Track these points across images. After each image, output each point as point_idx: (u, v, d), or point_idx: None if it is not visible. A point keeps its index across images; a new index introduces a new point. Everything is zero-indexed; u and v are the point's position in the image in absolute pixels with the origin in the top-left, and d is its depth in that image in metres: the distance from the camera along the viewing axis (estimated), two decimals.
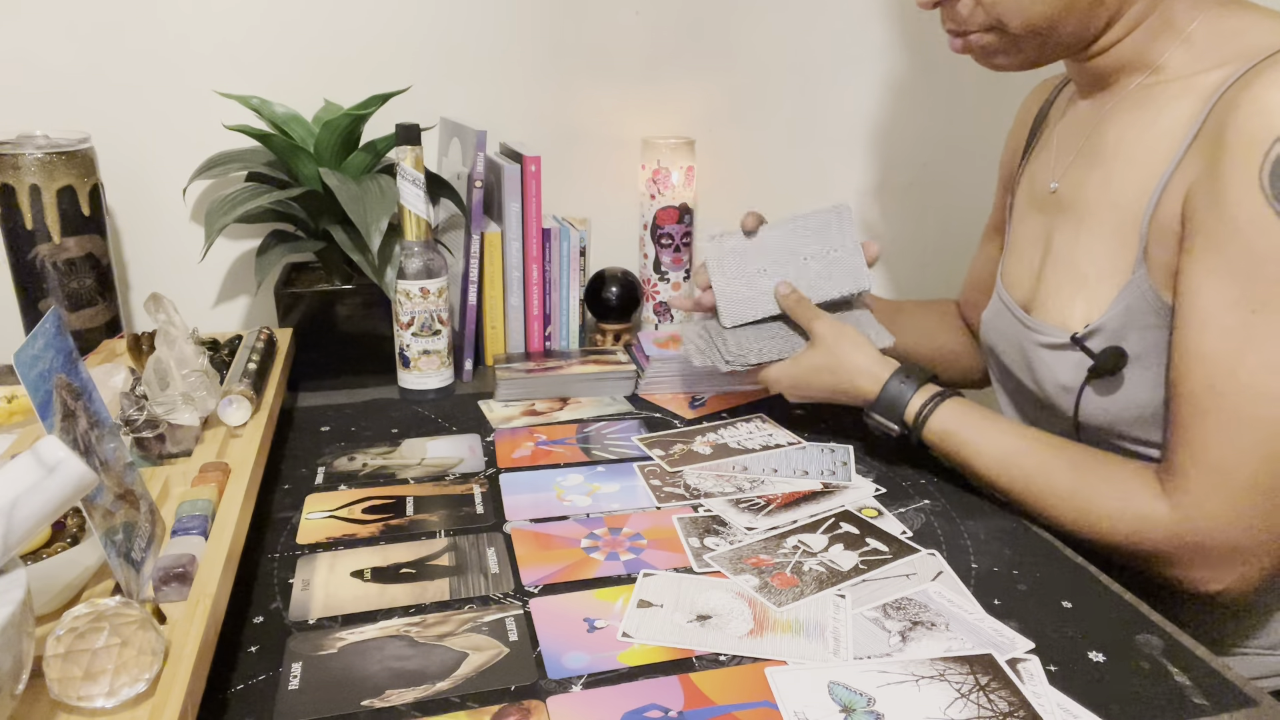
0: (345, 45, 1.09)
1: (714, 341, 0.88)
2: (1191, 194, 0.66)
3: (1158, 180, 0.69)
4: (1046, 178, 0.83)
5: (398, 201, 0.92)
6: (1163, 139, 0.70)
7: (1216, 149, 0.64)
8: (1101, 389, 0.73)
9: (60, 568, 0.53)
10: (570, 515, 0.75)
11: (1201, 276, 0.64)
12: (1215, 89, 0.67)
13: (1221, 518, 0.64)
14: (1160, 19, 0.72)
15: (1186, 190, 0.66)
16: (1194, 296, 0.65)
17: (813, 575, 0.66)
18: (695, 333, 0.91)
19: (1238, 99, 0.63)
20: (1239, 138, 0.62)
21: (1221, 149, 0.63)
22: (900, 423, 0.79)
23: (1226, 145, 0.63)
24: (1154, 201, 0.69)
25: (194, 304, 1.11)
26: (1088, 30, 0.73)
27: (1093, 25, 0.72)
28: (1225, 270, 0.63)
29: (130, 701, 0.46)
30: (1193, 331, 0.65)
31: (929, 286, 1.39)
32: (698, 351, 0.88)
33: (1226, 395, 0.63)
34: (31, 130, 0.96)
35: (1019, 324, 0.82)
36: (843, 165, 1.30)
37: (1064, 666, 0.58)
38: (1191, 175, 0.66)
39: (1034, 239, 0.84)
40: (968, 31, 0.75)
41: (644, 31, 1.18)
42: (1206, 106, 0.67)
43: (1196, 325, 0.65)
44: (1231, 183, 0.62)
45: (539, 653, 0.58)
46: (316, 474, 0.82)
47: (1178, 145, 0.68)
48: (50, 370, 0.51)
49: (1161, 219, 0.69)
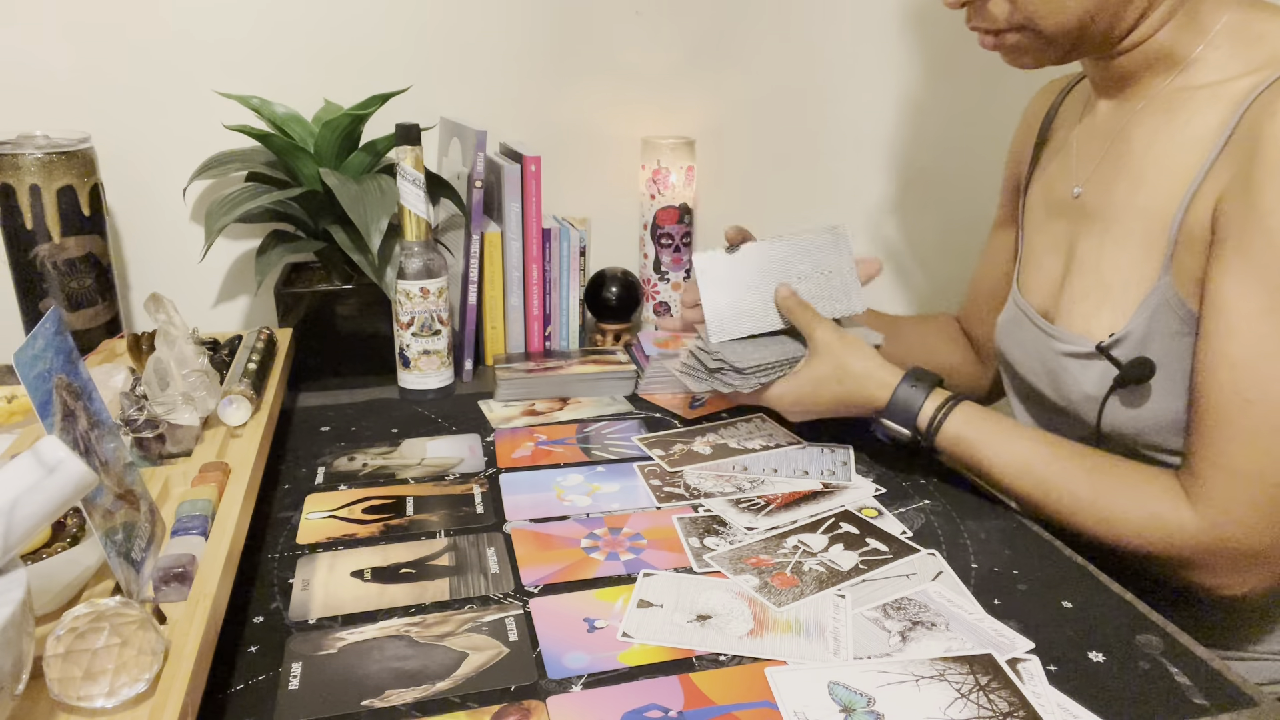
0: (345, 45, 1.09)
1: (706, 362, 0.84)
2: (1223, 201, 0.66)
3: (1187, 187, 0.69)
4: (1066, 183, 0.82)
5: (398, 201, 0.92)
6: (1192, 145, 0.70)
7: (1250, 156, 0.64)
8: (1127, 398, 0.73)
9: (60, 568, 0.53)
10: (570, 515, 0.75)
11: (1231, 284, 0.64)
12: (1245, 95, 0.67)
13: (1248, 524, 0.64)
14: (1186, 18, 0.71)
15: (1217, 197, 0.66)
16: (1222, 303, 0.64)
17: (813, 575, 0.66)
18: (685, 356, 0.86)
19: (1273, 107, 0.63)
20: (1275, 146, 0.62)
21: (1256, 156, 0.63)
22: (913, 428, 0.77)
23: (1262, 153, 0.63)
24: (1183, 208, 0.69)
25: (194, 304, 1.11)
26: (1117, 28, 0.72)
27: (1123, 23, 0.72)
28: (1256, 278, 0.63)
29: (130, 701, 0.46)
30: (1220, 339, 0.64)
31: (930, 288, 1.39)
32: (694, 379, 0.84)
33: (1254, 403, 0.63)
34: (31, 130, 0.96)
35: (1040, 333, 0.81)
36: (843, 165, 1.30)
37: (1064, 666, 0.58)
38: (1223, 182, 0.66)
39: (1054, 246, 0.83)
40: (999, 30, 0.75)
41: (644, 31, 1.18)
42: (1237, 113, 0.66)
43: (1225, 332, 0.64)
44: (1266, 190, 0.62)
45: (539, 653, 0.58)
46: (316, 474, 0.82)
47: (1208, 152, 0.68)
48: (50, 370, 0.51)
49: (1190, 226, 0.68)
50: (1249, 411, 0.63)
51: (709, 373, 0.83)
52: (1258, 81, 0.66)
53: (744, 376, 0.81)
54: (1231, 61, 0.70)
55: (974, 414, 0.76)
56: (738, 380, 0.81)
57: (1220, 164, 0.67)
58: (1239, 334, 0.64)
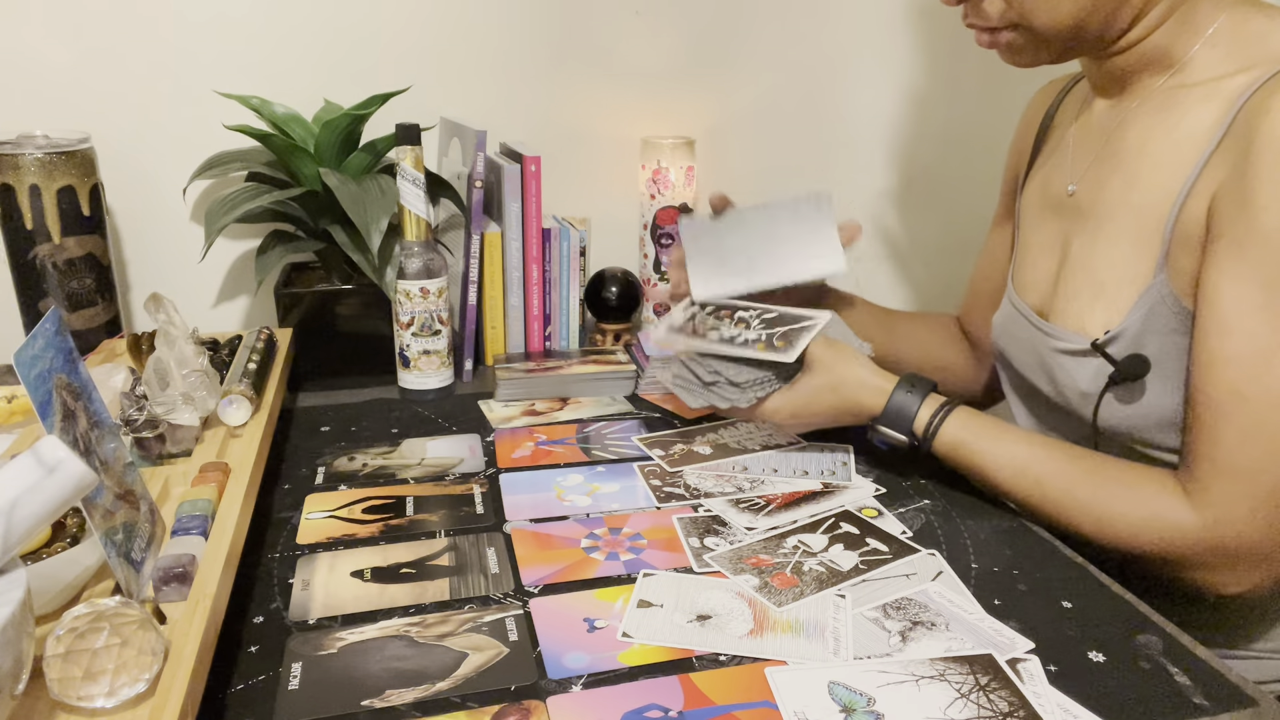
0: (345, 45, 1.09)
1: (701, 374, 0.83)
2: (1217, 198, 0.66)
3: (1182, 184, 0.69)
4: (1062, 180, 0.83)
5: (398, 201, 0.92)
6: (1186, 142, 0.70)
7: (1244, 153, 0.64)
8: (1122, 395, 0.73)
9: (60, 568, 0.53)
10: (570, 515, 0.75)
11: (1226, 281, 0.64)
12: (1241, 93, 0.66)
13: (1246, 522, 0.64)
14: (1182, 17, 0.71)
15: (1212, 194, 0.66)
16: (1218, 301, 0.64)
17: (813, 575, 0.66)
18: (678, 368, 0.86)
19: (1267, 103, 0.63)
20: (1270, 142, 0.62)
21: (1250, 153, 0.63)
22: (909, 434, 0.77)
23: (1256, 150, 0.63)
24: (1178, 206, 0.69)
25: (194, 304, 1.11)
26: (1112, 28, 0.72)
27: (1118, 23, 0.72)
28: (1251, 275, 0.63)
29: (130, 701, 0.46)
30: (1216, 336, 0.64)
31: (931, 287, 1.39)
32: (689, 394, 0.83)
33: (1250, 400, 0.63)
34: (31, 130, 0.96)
35: (1035, 330, 0.81)
36: (843, 165, 1.30)
37: (1064, 666, 0.58)
38: (1217, 179, 0.66)
39: (1049, 243, 0.83)
40: (994, 28, 0.75)
41: (644, 31, 1.18)
42: (1232, 110, 0.66)
43: (1220, 330, 0.64)
44: (1260, 187, 0.62)
45: (539, 653, 0.58)
46: (316, 474, 0.82)
47: (1202, 149, 0.68)
48: (50, 370, 0.51)
49: (1185, 223, 0.68)
50: (1245, 408, 0.63)
51: (704, 386, 0.83)
52: (1253, 79, 0.66)
53: (740, 390, 0.81)
54: (1227, 60, 0.70)
55: (970, 418, 0.75)
56: (734, 394, 0.81)
57: (1215, 161, 0.67)
58: (1234, 331, 0.63)
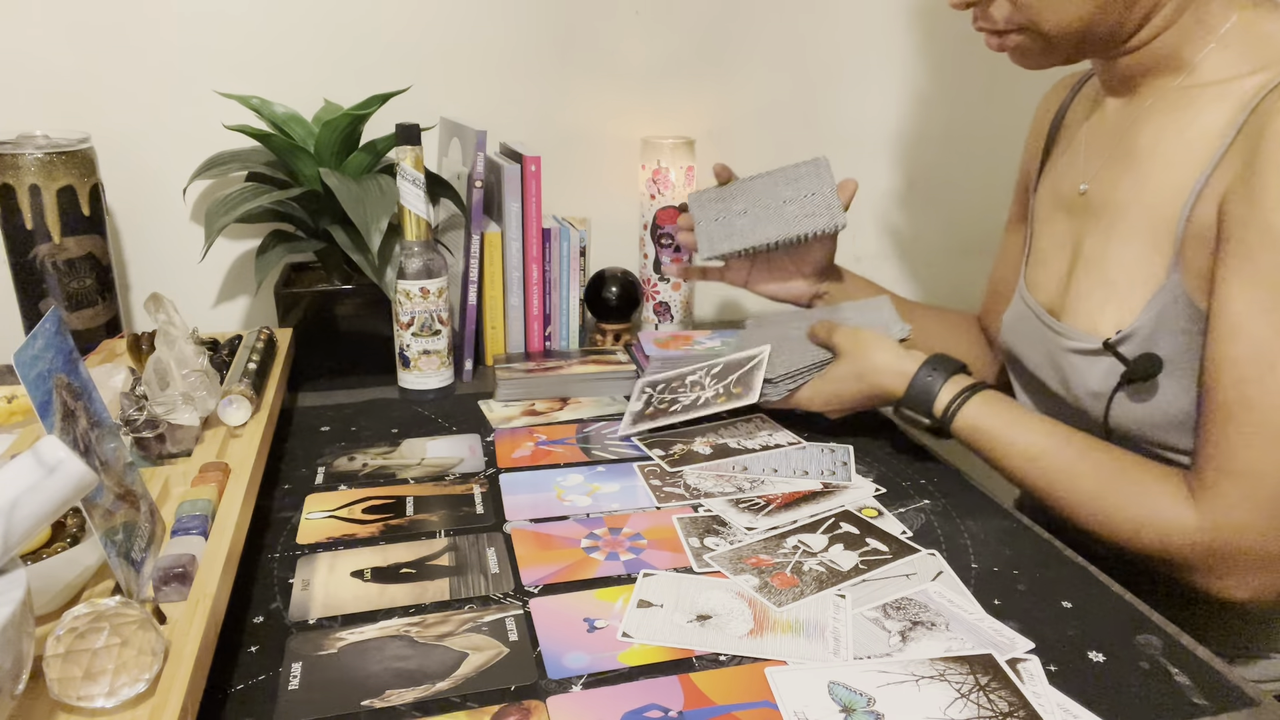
0: (345, 45, 1.09)
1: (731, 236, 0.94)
2: (1228, 198, 0.65)
3: (1193, 184, 0.69)
4: (1074, 180, 0.82)
5: (398, 201, 0.92)
6: (1199, 142, 0.69)
7: (1255, 154, 0.63)
8: (1134, 395, 0.73)
9: (60, 568, 0.53)
10: (570, 515, 0.75)
11: (1235, 282, 0.64)
12: (1253, 94, 0.66)
13: (1250, 526, 0.63)
14: (1193, 18, 0.71)
15: (1223, 194, 0.66)
16: (1227, 302, 0.64)
17: (813, 575, 0.66)
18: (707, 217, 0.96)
19: (1278, 105, 0.63)
20: (1277, 144, 0.62)
21: (1260, 154, 0.63)
22: (929, 415, 0.79)
23: (1265, 152, 0.62)
24: (1189, 205, 0.69)
25: (194, 304, 1.11)
26: (1122, 30, 0.72)
27: (1127, 25, 0.72)
28: (1259, 277, 0.63)
29: (130, 701, 0.46)
30: (1224, 338, 0.64)
31: (933, 287, 1.39)
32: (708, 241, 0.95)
33: (1255, 403, 0.63)
34: (31, 130, 0.96)
35: (1046, 329, 0.81)
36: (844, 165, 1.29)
37: (1064, 666, 0.58)
38: (1228, 179, 0.66)
39: (1061, 243, 0.83)
40: (1002, 31, 0.75)
41: (644, 31, 1.18)
42: (1244, 111, 0.66)
43: (1228, 332, 0.64)
44: (1269, 189, 0.62)
45: (539, 653, 0.58)
46: (316, 474, 0.82)
47: (1214, 149, 0.68)
48: (50, 370, 0.51)
49: (1197, 223, 0.68)
50: (1250, 412, 0.63)
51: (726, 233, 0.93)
52: (1266, 80, 0.66)
53: (773, 385, 0.88)
54: (1240, 60, 0.70)
55: (989, 403, 0.76)
56: (768, 389, 0.88)
57: (1226, 161, 0.67)
58: (1241, 334, 0.63)
